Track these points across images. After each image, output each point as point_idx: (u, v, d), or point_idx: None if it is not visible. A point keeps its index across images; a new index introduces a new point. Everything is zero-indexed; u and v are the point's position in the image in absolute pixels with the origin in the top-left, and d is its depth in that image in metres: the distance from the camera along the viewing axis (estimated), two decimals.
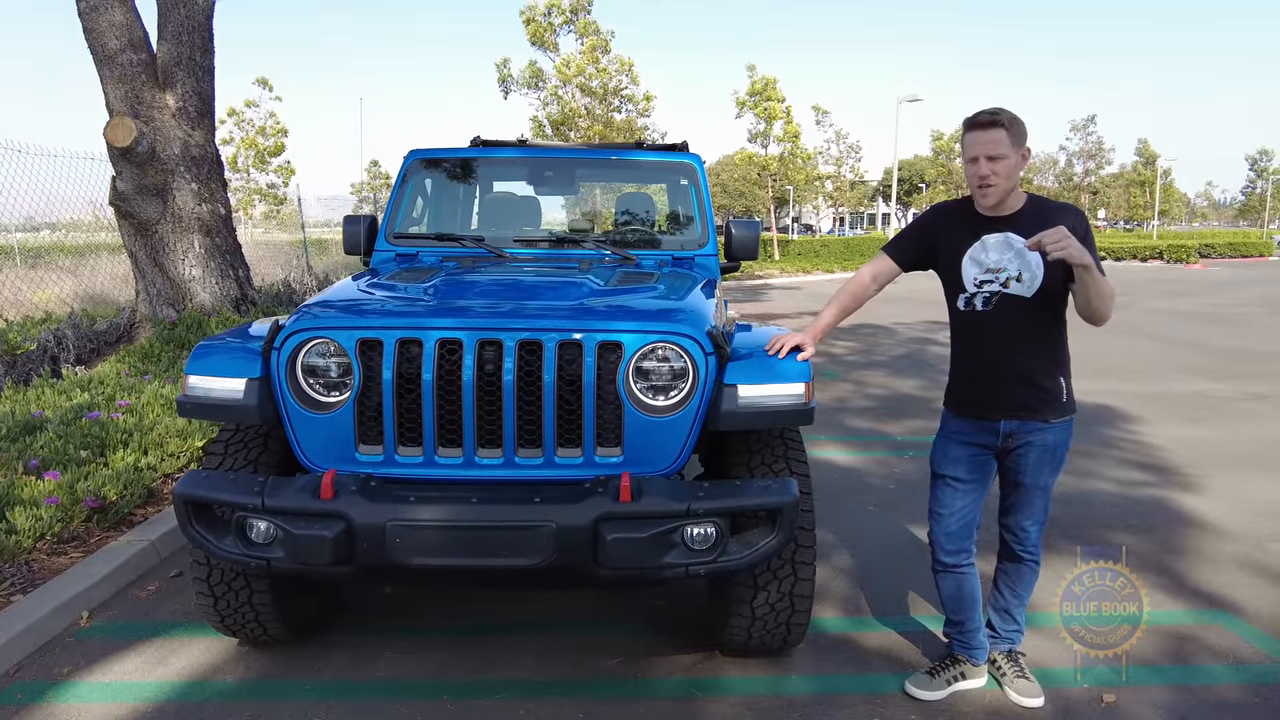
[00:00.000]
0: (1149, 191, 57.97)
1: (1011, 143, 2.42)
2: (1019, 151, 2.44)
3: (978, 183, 2.47)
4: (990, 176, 2.43)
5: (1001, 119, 2.41)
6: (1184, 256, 33.68)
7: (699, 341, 2.49)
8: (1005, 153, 2.41)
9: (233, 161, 30.17)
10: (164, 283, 7.45)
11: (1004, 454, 2.63)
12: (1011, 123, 2.42)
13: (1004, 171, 2.42)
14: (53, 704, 2.71)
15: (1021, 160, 2.46)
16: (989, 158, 2.41)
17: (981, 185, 2.46)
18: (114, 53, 6.99)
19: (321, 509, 2.30)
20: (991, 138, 2.41)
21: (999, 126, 2.41)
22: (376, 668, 2.92)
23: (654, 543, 2.31)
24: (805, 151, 30.77)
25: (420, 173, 4.21)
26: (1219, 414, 6.87)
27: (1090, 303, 2.40)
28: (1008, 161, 2.42)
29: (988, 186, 2.45)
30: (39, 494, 3.85)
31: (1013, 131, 2.42)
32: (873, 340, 11.13)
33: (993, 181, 2.43)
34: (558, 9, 23.77)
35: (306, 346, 2.50)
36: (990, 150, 2.41)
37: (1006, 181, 2.44)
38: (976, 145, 2.44)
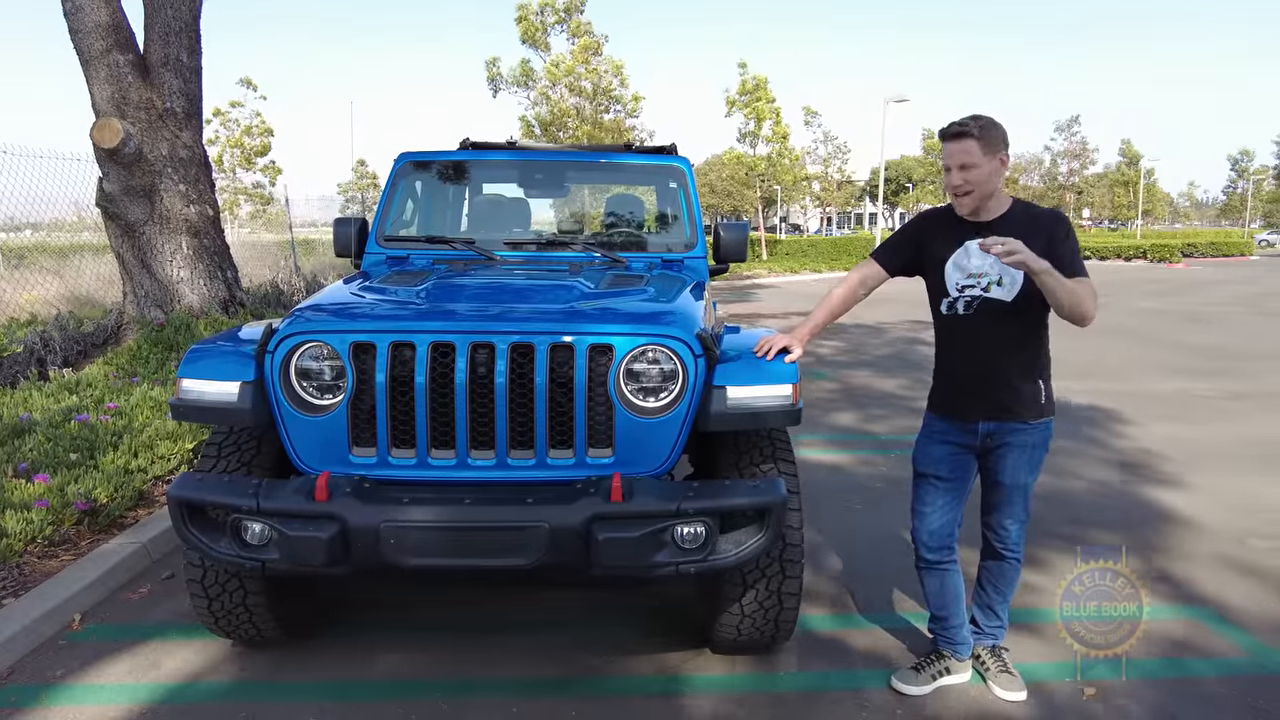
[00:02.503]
0: (1132, 191, 58.52)
1: (983, 151, 2.48)
2: (993, 158, 2.51)
3: (954, 191, 2.55)
4: (963, 185, 2.51)
5: (971, 129, 2.49)
6: (1167, 256, 34.07)
7: (688, 344, 2.53)
8: (977, 161, 2.48)
9: (218, 161, 29.94)
10: (152, 284, 7.42)
11: (984, 454, 2.69)
12: (983, 131, 2.49)
13: (976, 180, 2.50)
14: (46, 707, 2.72)
15: (999, 166, 2.52)
16: (960, 167, 2.50)
17: (956, 194, 2.55)
18: (100, 53, 6.96)
19: (316, 511, 2.33)
20: (962, 148, 2.49)
21: (969, 136, 2.49)
22: (369, 667, 2.95)
23: (645, 542, 2.35)
24: (793, 152, 30.90)
25: (410, 175, 4.23)
26: (1199, 412, 6.99)
27: (1061, 306, 2.45)
28: (979, 170, 2.49)
29: (963, 195, 2.54)
30: (29, 497, 3.84)
31: (984, 140, 2.48)
32: (860, 340, 11.23)
33: (966, 190, 2.52)
34: (551, 8, 23.75)
35: (300, 350, 2.52)
36: (961, 160, 2.49)
37: (980, 189, 2.52)
38: (949, 155, 2.53)
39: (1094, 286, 2.49)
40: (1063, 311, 2.48)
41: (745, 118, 27.80)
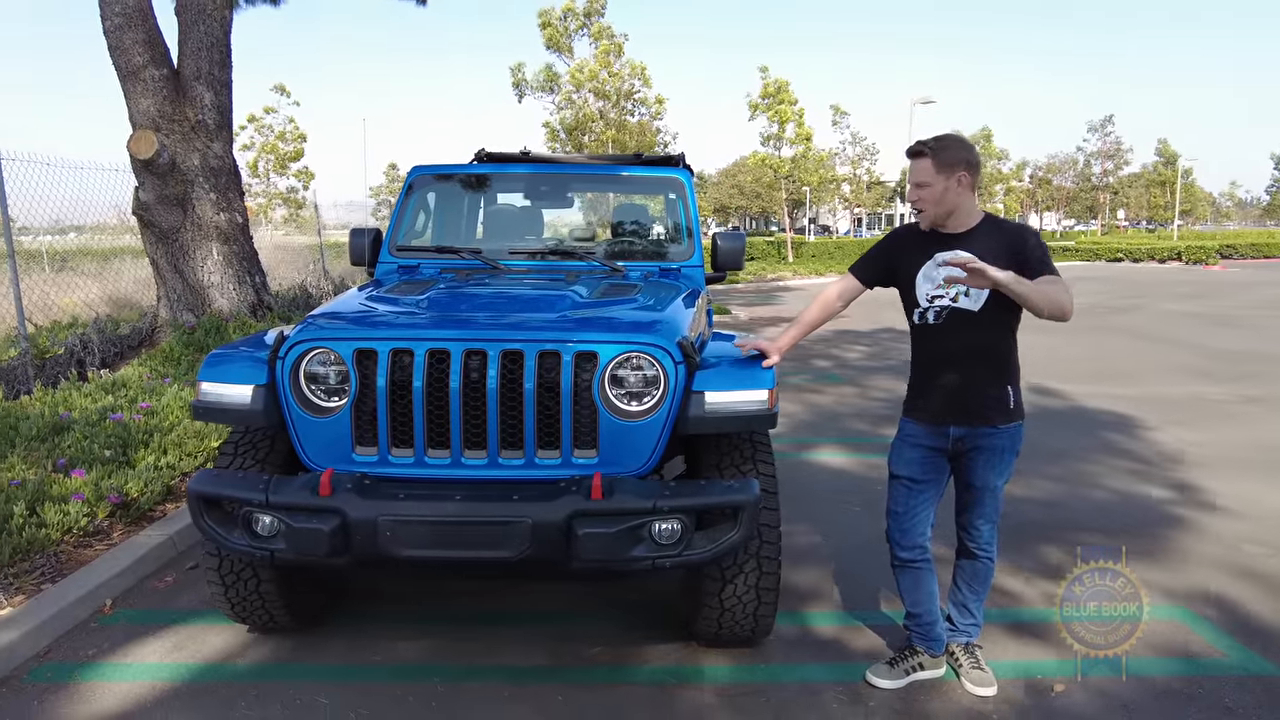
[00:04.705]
0: (1169, 191, 57.32)
1: (936, 170, 2.64)
2: (950, 177, 2.64)
3: (912, 206, 2.74)
4: (918, 201, 2.70)
5: (926, 149, 2.65)
6: (1203, 257, 33.33)
7: (669, 351, 2.68)
8: (929, 180, 2.65)
9: (253, 166, 30.71)
10: (184, 289, 7.75)
11: (955, 457, 2.81)
12: (938, 152, 2.63)
13: (929, 197, 2.67)
14: (78, 683, 2.96)
15: (956, 184, 2.64)
16: (916, 184, 2.69)
17: (916, 209, 2.73)
18: (137, 68, 7.30)
19: (319, 505, 2.52)
20: (918, 166, 2.68)
21: (924, 156, 2.65)
22: (373, 653, 3.14)
23: (622, 537, 2.50)
24: (819, 154, 30.82)
25: (423, 187, 4.43)
26: (1211, 417, 6.95)
27: (1038, 309, 2.54)
28: (932, 189, 2.66)
29: (918, 210, 2.72)
30: (67, 491, 4.11)
31: (939, 159, 2.63)
32: (887, 345, 11.02)
33: (921, 206, 2.70)
34: (573, 13, 24.06)
35: (308, 356, 2.72)
36: (917, 178, 2.68)
37: (936, 206, 2.68)
38: (909, 173, 2.72)
39: (1066, 284, 2.59)
40: (1042, 314, 2.56)
41: (769, 120, 27.82)
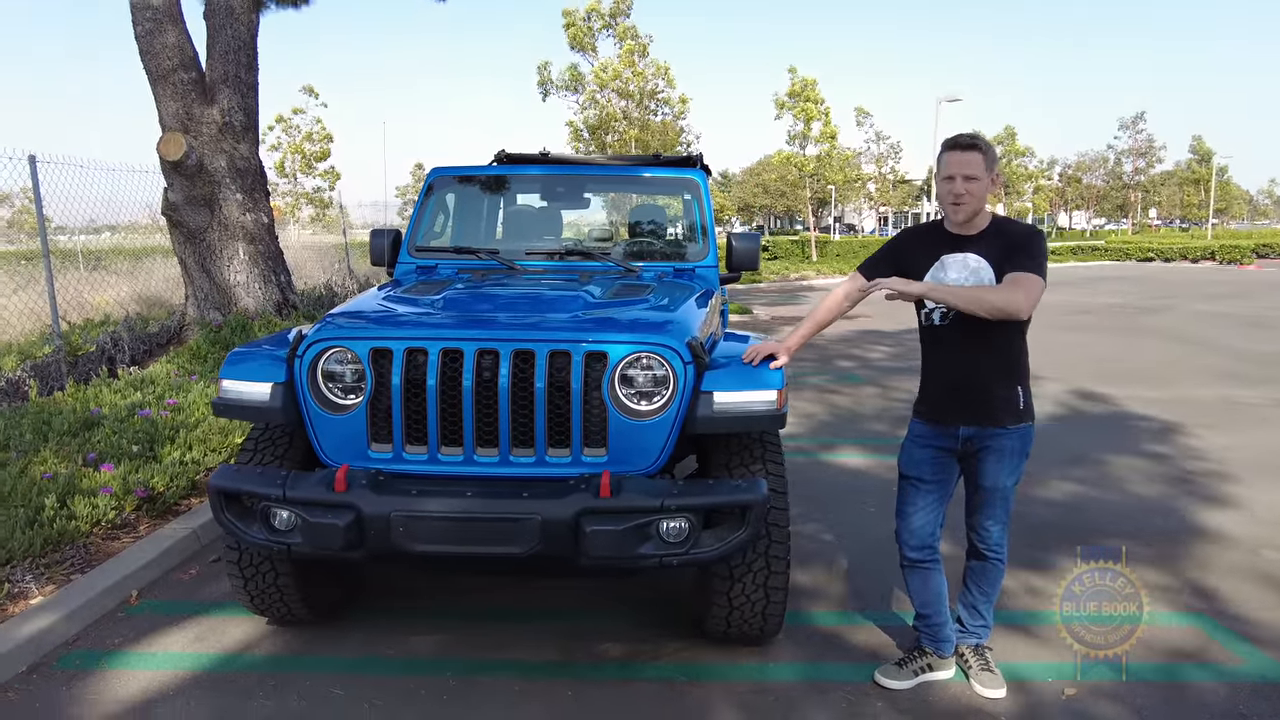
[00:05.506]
0: (1204, 189, 56.18)
1: (986, 166, 2.64)
2: (990, 175, 2.66)
3: (952, 199, 2.67)
4: (964, 195, 2.64)
5: (979, 144, 2.65)
6: (1238, 257, 32.63)
7: (678, 352, 2.71)
8: (979, 175, 2.63)
9: (280, 166, 31.13)
10: (211, 288, 7.90)
11: (965, 458, 2.81)
12: (987, 149, 2.66)
13: (976, 192, 2.65)
14: (105, 670, 3.05)
15: (991, 184, 2.66)
16: (965, 177, 2.63)
17: (955, 202, 2.67)
18: (167, 72, 7.46)
19: (335, 500, 2.58)
20: (969, 159, 2.63)
21: (977, 150, 2.64)
22: (388, 646, 3.21)
23: (630, 535, 2.54)
24: (844, 153, 30.61)
25: (441, 188, 4.50)
26: (1242, 420, 6.83)
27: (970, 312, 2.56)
28: (980, 183, 2.64)
29: (960, 204, 2.66)
30: (96, 485, 4.23)
31: (988, 157, 2.65)
32: (913, 346, 10.95)
33: (965, 200, 2.65)
34: (597, 13, 24.11)
35: (326, 355, 2.78)
36: (967, 171, 2.63)
37: (977, 201, 2.66)
38: (954, 165, 2.65)
39: (1032, 284, 2.54)
40: (978, 315, 2.55)
41: (795, 118, 27.68)
